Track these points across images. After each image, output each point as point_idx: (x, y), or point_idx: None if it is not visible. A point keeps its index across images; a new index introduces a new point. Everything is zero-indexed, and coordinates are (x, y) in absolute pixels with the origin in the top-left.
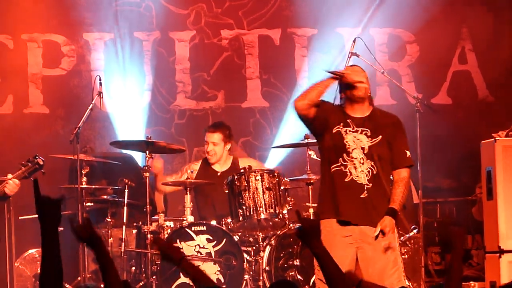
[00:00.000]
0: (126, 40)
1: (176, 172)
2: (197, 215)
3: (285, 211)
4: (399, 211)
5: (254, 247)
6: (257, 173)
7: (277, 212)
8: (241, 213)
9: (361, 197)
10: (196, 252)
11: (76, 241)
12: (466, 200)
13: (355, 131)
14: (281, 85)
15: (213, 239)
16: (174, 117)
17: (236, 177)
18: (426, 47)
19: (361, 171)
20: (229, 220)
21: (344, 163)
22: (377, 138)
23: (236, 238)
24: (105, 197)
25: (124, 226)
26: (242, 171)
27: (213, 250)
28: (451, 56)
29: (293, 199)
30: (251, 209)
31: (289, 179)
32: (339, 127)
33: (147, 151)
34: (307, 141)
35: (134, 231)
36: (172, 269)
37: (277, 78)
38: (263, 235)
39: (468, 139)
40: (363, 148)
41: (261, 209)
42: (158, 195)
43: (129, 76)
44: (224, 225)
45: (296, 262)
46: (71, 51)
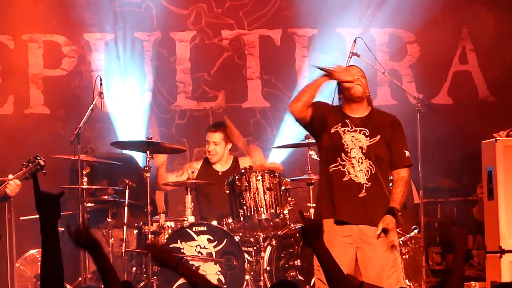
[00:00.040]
0: (126, 40)
1: (177, 170)
2: (198, 215)
3: (286, 211)
4: (400, 210)
5: (255, 248)
6: (257, 173)
7: (278, 212)
8: (242, 213)
9: (359, 196)
10: (197, 252)
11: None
12: (467, 200)
13: (353, 130)
14: (282, 85)
15: (214, 239)
16: (174, 117)
17: (237, 177)
18: (427, 47)
19: (359, 170)
20: (230, 220)
21: (342, 162)
22: (375, 138)
23: (237, 238)
24: (105, 197)
25: (125, 227)
26: (242, 171)
27: (214, 251)
28: (452, 56)
29: (294, 199)
30: (252, 209)
31: (290, 179)
32: (337, 127)
33: (147, 152)
34: (307, 141)
35: (135, 231)
36: None
37: (277, 78)
38: (264, 235)
39: (469, 139)
40: (361, 148)
41: (262, 209)
42: (159, 194)
43: (130, 76)
44: (225, 225)
45: (297, 263)
46: (71, 52)
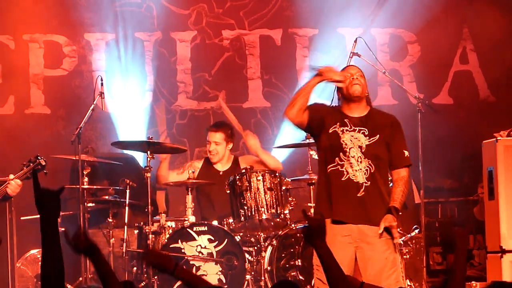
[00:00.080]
0: (127, 40)
1: (178, 168)
2: (199, 215)
3: (286, 211)
4: (400, 209)
5: (256, 247)
6: (258, 173)
7: (278, 212)
8: (243, 213)
9: (358, 195)
10: (197, 252)
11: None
12: (468, 200)
13: (352, 130)
14: (282, 85)
15: (214, 239)
16: (175, 117)
17: (237, 177)
18: (428, 47)
19: (358, 169)
20: (231, 220)
21: (340, 162)
22: (375, 137)
23: (238, 238)
24: (106, 197)
25: (125, 227)
26: (243, 171)
27: (215, 251)
28: (453, 56)
29: (294, 199)
30: (253, 209)
31: (290, 179)
32: (336, 126)
33: (148, 152)
34: (308, 141)
35: (136, 231)
36: None
37: (278, 78)
38: (265, 235)
39: (470, 139)
40: (360, 147)
41: (262, 209)
42: (160, 194)
43: (131, 76)
44: (225, 225)
45: (298, 262)
46: (72, 52)
